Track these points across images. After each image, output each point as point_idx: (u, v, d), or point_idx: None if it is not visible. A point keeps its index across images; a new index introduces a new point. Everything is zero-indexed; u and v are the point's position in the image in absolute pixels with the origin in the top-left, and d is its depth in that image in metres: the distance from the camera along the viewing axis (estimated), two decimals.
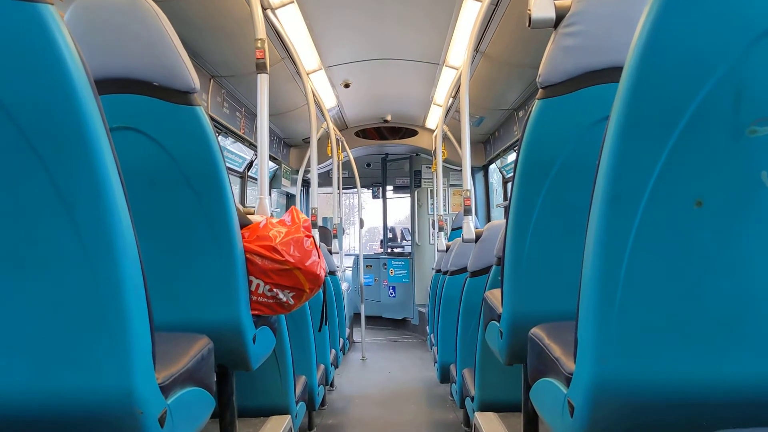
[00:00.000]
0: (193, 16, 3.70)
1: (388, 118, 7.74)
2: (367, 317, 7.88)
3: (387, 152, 9.22)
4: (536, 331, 1.39)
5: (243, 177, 6.41)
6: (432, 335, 5.39)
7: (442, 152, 5.44)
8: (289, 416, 2.45)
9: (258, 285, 1.70)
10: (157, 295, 1.16)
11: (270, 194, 6.99)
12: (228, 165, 5.54)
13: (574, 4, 1.48)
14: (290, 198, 8.26)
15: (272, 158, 7.13)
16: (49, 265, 0.97)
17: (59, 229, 0.95)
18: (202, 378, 1.34)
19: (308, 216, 3.84)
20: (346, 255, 8.30)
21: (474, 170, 7.92)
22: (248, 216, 1.82)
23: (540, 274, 1.65)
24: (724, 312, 0.94)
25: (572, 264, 1.10)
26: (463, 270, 3.46)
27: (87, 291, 0.97)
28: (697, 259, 0.93)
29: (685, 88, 0.85)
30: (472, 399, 2.77)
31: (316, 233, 3.92)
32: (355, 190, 7.57)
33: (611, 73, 1.47)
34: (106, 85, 1.51)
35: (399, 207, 11.21)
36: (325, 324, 3.38)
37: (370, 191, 10.74)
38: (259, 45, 2.30)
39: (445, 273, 4.07)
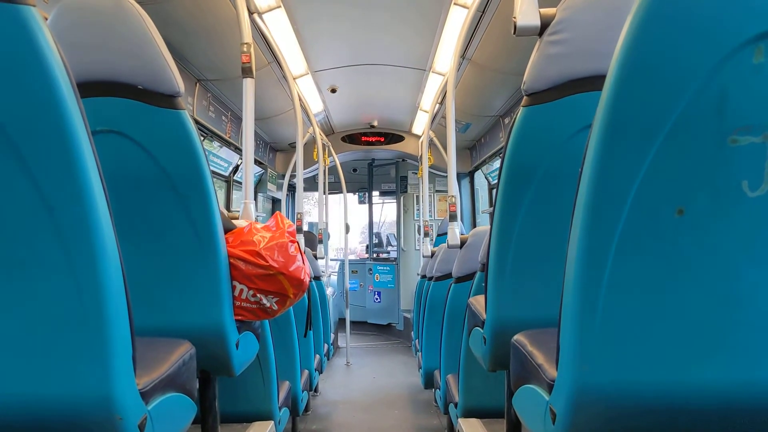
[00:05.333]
0: (179, 19, 3.69)
1: (375, 123, 7.74)
2: (352, 322, 7.87)
3: (373, 157, 9.23)
4: (519, 338, 1.39)
5: (228, 181, 6.38)
6: (417, 341, 5.39)
7: (429, 158, 5.44)
8: (272, 422, 2.43)
9: (241, 290, 1.69)
10: (138, 299, 1.15)
11: (255, 199, 6.97)
12: (213, 169, 5.53)
13: (558, 13, 1.49)
14: (276, 203, 8.24)
15: (258, 163, 7.10)
16: (29, 269, 0.96)
17: (40, 233, 0.94)
18: (184, 383, 1.33)
19: (293, 221, 3.84)
20: (331, 260, 8.28)
21: (460, 176, 7.95)
22: (233, 221, 1.81)
23: (524, 280, 1.65)
24: (705, 319, 0.95)
25: (556, 271, 1.10)
26: (448, 276, 3.46)
27: (67, 295, 0.96)
28: (678, 267, 0.93)
29: (666, 97, 0.85)
30: (456, 405, 2.77)
31: (301, 238, 3.90)
32: (342, 194, 7.56)
33: (595, 82, 1.47)
34: (89, 88, 1.50)
35: (385, 212, 11.23)
36: (309, 329, 3.37)
37: (357, 196, 10.75)
38: (245, 49, 2.29)
39: (430, 279, 4.08)
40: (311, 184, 8.80)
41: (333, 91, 6.07)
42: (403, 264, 9.13)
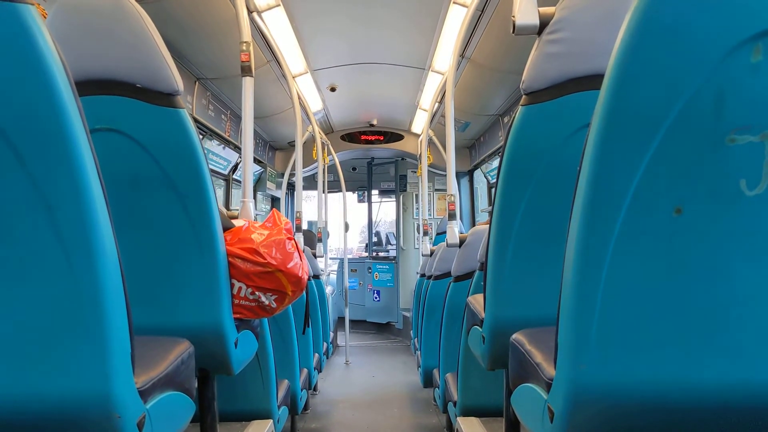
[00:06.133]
0: (178, 17, 3.69)
1: (374, 122, 7.74)
2: (351, 321, 7.87)
3: (373, 156, 9.23)
4: (517, 337, 1.40)
5: (228, 180, 6.38)
6: (416, 339, 5.39)
7: (428, 157, 5.44)
8: (270, 420, 2.43)
9: (240, 288, 1.69)
10: (137, 298, 1.15)
11: (255, 197, 6.97)
12: (213, 168, 5.53)
13: (557, 12, 1.49)
14: (275, 201, 8.24)
15: (257, 161, 7.10)
16: (28, 267, 0.96)
17: (38, 231, 0.94)
18: (183, 382, 1.33)
19: (293, 219, 3.83)
20: (330, 258, 8.29)
21: (459, 175, 7.95)
22: (232, 220, 1.81)
23: (522, 279, 1.65)
24: (702, 318, 0.95)
25: (554, 270, 1.10)
26: (447, 275, 3.46)
27: (65, 293, 0.96)
28: (676, 266, 0.93)
29: (665, 96, 0.85)
30: (455, 404, 2.77)
31: (300, 236, 3.90)
32: (341, 193, 7.56)
33: (594, 80, 1.47)
34: (88, 87, 1.50)
35: (384, 210, 11.23)
36: (308, 326, 3.37)
37: (356, 195, 10.75)
38: (244, 48, 2.29)
39: (430, 277, 4.08)
40: (310, 183, 8.81)
41: (332, 89, 6.07)
42: (403, 263, 9.14)
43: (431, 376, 4.01)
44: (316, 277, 4.57)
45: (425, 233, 5.30)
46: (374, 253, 10.09)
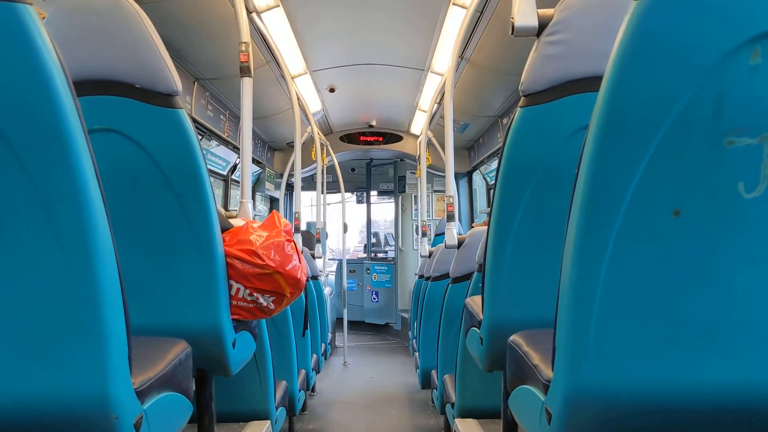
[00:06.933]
0: (177, 17, 3.69)
1: (373, 123, 7.74)
2: (349, 322, 7.86)
3: (372, 157, 9.23)
4: (515, 339, 1.39)
5: (226, 180, 6.38)
6: (414, 341, 5.39)
7: (427, 158, 5.44)
8: (268, 421, 2.43)
9: (238, 289, 1.69)
10: (135, 298, 1.15)
11: (253, 198, 6.97)
12: (211, 168, 5.53)
13: (556, 13, 1.49)
14: (274, 202, 8.24)
15: (256, 162, 7.10)
16: (26, 267, 0.96)
17: (36, 231, 0.94)
18: (180, 383, 1.33)
19: (291, 220, 3.83)
20: (329, 259, 8.28)
21: (458, 176, 7.95)
22: (230, 220, 1.81)
23: (521, 281, 1.65)
24: (701, 320, 0.95)
25: (553, 271, 1.10)
26: (446, 276, 3.46)
27: (63, 293, 0.96)
28: (674, 268, 0.93)
29: (663, 98, 0.85)
30: (453, 405, 2.77)
31: (298, 237, 3.90)
32: (339, 194, 7.56)
33: (593, 82, 1.47)
34: (86, 87, 1.50)
35: (383, 211, 11.23)
36: (307, 329, 3.37)
37: (355, 196, 10.75)
38: (243, 48, 2.28)
39: (428, 279, 4.07)
40: (309, 184, 8.80)
41: (331, 90, 6.07)
42: (401, 264, 9.13)
43: (429, 378, 4.01)
44: (315, 278, 4.57)
45: (424, 234, 5.30)
46: (373, 254, 10.09)
